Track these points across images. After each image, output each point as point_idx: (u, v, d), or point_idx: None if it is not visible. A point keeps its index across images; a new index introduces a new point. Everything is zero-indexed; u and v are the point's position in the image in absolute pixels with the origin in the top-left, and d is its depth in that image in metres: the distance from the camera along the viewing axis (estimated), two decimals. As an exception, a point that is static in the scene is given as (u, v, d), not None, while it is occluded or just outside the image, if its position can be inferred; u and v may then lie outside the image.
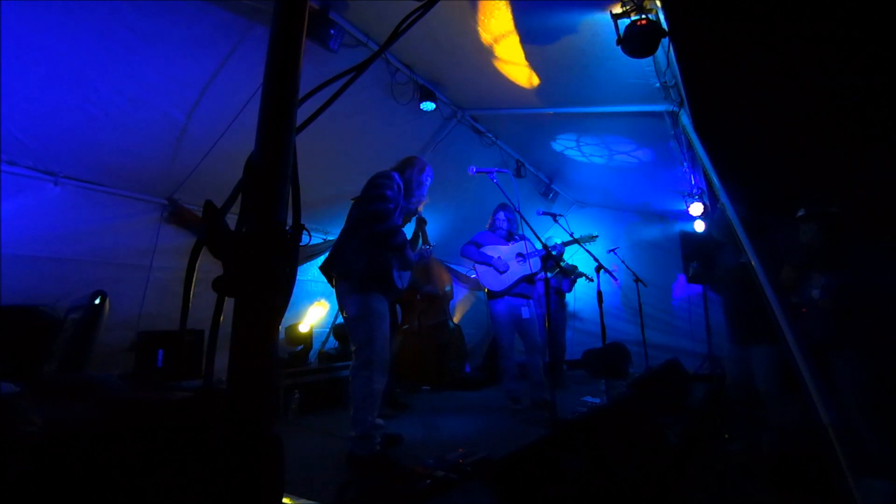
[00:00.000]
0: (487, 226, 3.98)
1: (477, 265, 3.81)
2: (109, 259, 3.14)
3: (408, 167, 2.69)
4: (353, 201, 2.63)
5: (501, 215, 3.88)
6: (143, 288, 3.31)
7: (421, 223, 2.95)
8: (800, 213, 2.57)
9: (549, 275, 3.23)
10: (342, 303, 2.49)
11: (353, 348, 2.46)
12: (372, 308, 2.42)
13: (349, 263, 2.44)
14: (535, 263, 3.68)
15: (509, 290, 3.67)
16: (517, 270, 3.70)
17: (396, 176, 2.55)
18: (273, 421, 0.61)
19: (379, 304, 2.47)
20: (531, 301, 3.80)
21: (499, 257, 3.75)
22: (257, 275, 0.62)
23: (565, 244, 3.84)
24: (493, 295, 3.75)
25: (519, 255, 3.73)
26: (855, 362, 2.27)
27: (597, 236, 3.96)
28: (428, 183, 2.76)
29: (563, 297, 5.22)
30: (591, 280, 4.18)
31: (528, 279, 3.71)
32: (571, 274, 5.06)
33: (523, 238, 3.71)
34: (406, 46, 3.21)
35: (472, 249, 3.82)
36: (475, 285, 6.43)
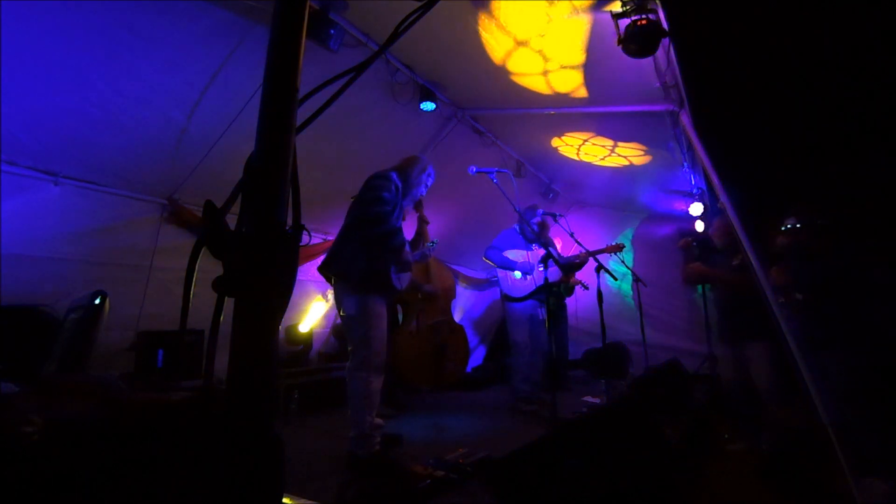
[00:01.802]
0: (519, 218, 3.96)
1: (499, 269, 3.82)
2: (109, 259, 3.13)
3: (409, 166, 2.69)
4: (351, 200, 2.63)
5: (540, 216, 3.91)
6: (143, 288, 3.31)
7: (423, 223, 2.95)
8: (787, 225, 2.60)
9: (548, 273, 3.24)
10: (339, 303, 2.50)
11: (349, 348, 2.47)
12: (369, 308, 2.42)
13: (347, 264, 2.44)
14: (555, 272, 3.72)
15: (530, 296, 3.69)
16: (538, 277, 3.72)
17: (394, 176, 2.55)
18: (273, 421, 0.61)
19: (376, 305, 2.46)
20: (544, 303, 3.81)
21: (524, 262, 3.76)
22: (257, 275, 0.62)
23: (591, 253, 3.84)
24: (511, 299, 3.76)
25: (541, 262, 3.73)
26: (843, 362, 2.28)
27: (623, 246, 3.99)
28: (429, 183, 2.76)
29: (562, 297, 5.23)
30: (587, 288, 4.20)
31: (548, 287, 3.71)
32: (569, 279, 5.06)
33: (548, 244, 3.71)
34: (406, 46, 3.21)
35: (496, 254, 3.84)
36: (476, 285, 6.43)
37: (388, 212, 2.44)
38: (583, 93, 3.44)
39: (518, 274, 3.77)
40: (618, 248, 3.94)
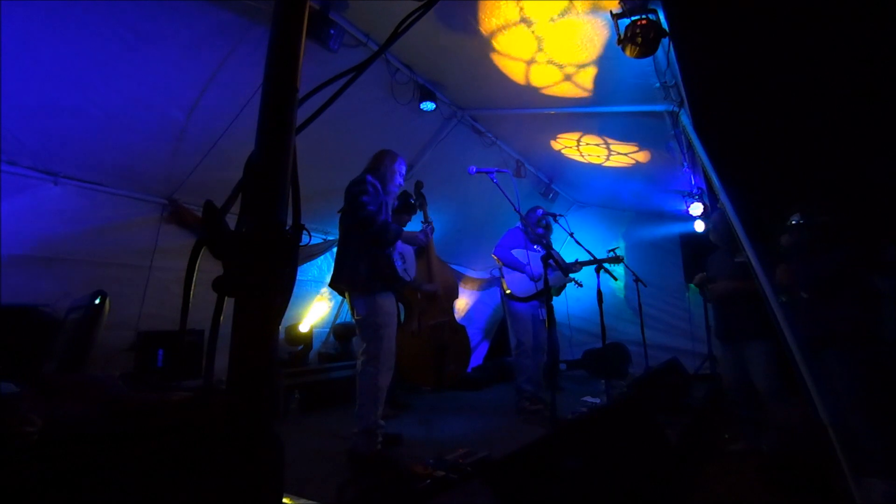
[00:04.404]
0: (521, 219, 3.98)
1: (505, 268, 3.84)
2: (109, 259, 3.13)
3: (380, 163, 2.78)
4: (338, 213, 2.74)
5: (539, 216, 3.94)
6: (143, 288, 3.30)
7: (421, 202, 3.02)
8: (792, 221, 2.63)
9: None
10: (352, 307, 2.60)
11: (363, 346, 2.55)
12: (379, 306, 2.52)
13: (352, 273, 2.54)
14: (558, 275, 3.77)
15: (534, 297, 3.71)
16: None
17: (369, 178, 2.63)
18: (273, 421, 0.61)
19: (386, 302, 2.56)
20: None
21: (529, 264, 3.78)
22: (257, 275, 0.62)
23: (585, 263, 3.88)
24: (516, 298, 3.78)
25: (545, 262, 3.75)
26: (844, 361, 2.29)
27: (622, 258, 4.02)
28: (402, 172, 2.85)
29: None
30: (580, 285, 4.23)
31: (548, 288, 3.74)
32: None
33: (550, 246, 3.73)
34: (406, 46, 3.21)
35: (506, 253, 3.87)
36: (477, 285, 6.43)
37: (374, 212, 2.52)
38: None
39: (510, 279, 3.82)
40: (617, 261, 3.99)
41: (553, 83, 3.37)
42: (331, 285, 2.73)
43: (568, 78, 3.26)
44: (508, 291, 3.83)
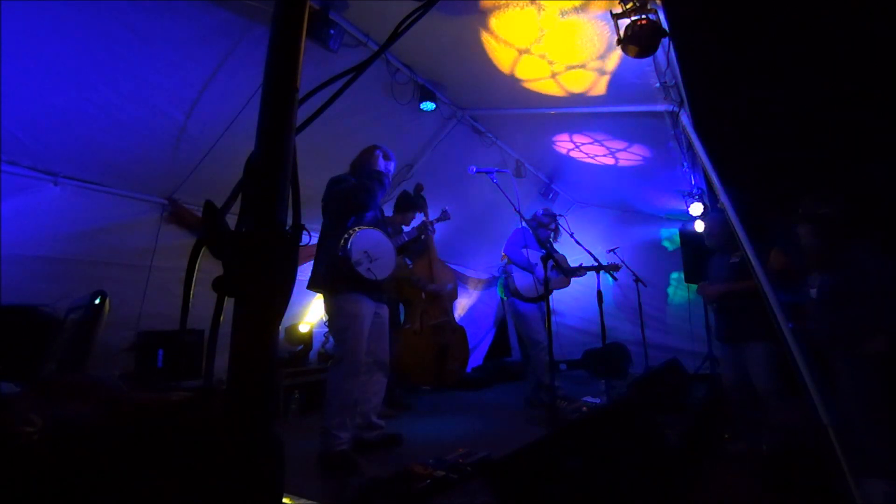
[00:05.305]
0: (532, 218, 4.00)
1: (515, 267, 3.86)
2: (109, 259, 3.13)
3: (361, 162, 2.87)
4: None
5: (544, 217, 3.98)
6: (143, 288, 3.30)
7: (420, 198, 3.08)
8: (800, 209, 2.60)
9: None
10: (326, 310, 2.67)
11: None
12: (340, 308, 2.53)
13: (319, 274, 2.60)
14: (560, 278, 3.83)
15: (542, 298, 3.74)
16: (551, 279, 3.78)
17: (341, 176, 2.75)
18: (273, 421, 0.61)
19: (347, 304, 2.54)
20: None
21: (538, 264, 3.81)
22: (257, 275, 0.62)
23: (589, 268, 3.91)
24: (526, 299, 3.80)
25: (553, 265, 3.76)
26: (854, 362, 2.27)
27: (620, 267, 4.11)
28: (390, 168, 2.92)
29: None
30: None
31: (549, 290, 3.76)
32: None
33: (552, 250, 3.75)
34: (406, 46, 3.21)
35: (518, 252, 3.90)
36: (476, 285, 6.42)
37: (352, 184, 2.66)
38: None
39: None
40: (614, 268, 4.03)
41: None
42: (308, 288, 2.73)
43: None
44: (514, 288, 3.85)
